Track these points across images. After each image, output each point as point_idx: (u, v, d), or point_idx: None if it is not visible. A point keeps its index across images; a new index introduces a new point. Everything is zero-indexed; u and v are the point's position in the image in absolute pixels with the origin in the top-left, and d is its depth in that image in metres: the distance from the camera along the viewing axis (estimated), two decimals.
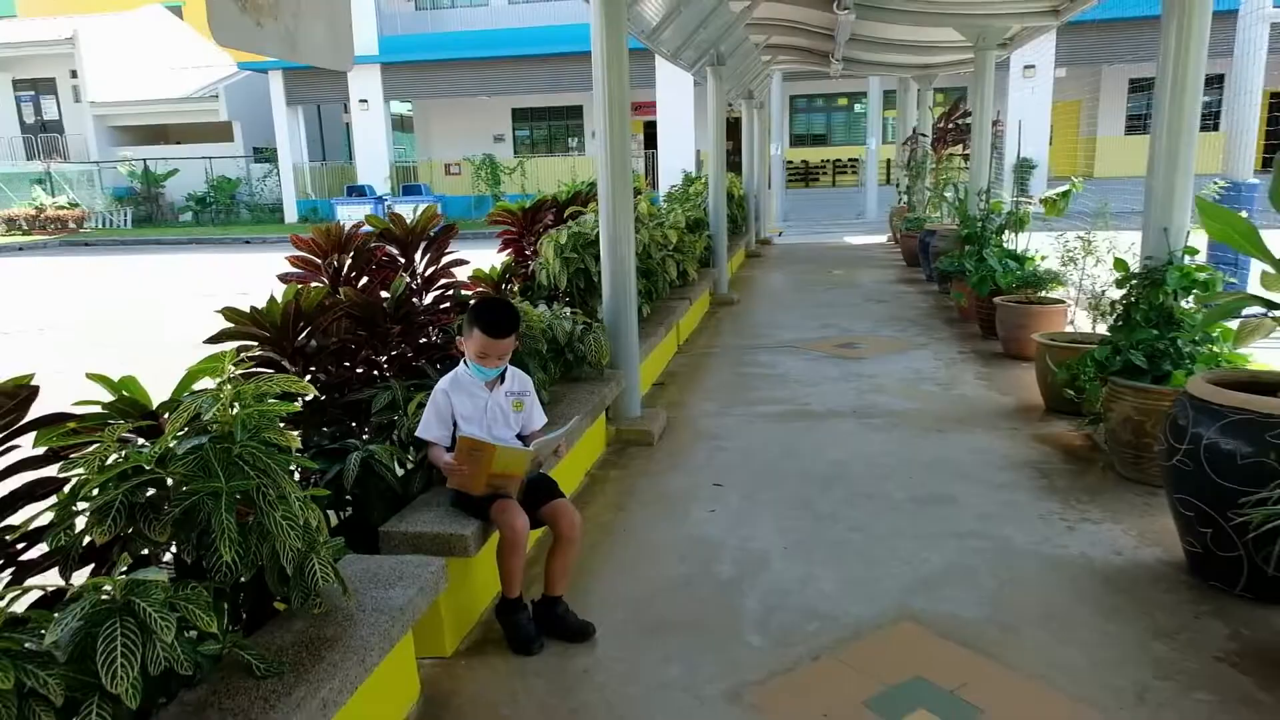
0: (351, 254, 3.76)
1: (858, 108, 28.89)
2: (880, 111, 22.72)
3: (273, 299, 3.07)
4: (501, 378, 3.00)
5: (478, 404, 2.95)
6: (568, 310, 4.90)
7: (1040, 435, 4.84)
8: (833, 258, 13.93)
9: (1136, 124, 24.87)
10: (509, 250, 5.89)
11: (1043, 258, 6.94)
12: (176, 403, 2.24)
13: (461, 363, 2.99)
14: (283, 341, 3.15)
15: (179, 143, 31.47)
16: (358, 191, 24.01)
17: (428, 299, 4.18)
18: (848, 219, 22.32)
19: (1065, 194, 7.86)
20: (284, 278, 3.74)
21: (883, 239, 16.55)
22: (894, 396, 5.77)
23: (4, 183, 29.28)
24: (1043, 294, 6.67)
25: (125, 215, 28.70)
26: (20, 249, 24.55)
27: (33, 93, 32.54)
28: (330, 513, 3.18)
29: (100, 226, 28.28)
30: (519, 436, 3.07)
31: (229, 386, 2.07)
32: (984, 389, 5.88)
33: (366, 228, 3.87)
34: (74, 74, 30.83)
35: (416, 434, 2.96)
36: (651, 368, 6.32)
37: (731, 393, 6.06)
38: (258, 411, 2.14)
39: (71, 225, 27.44)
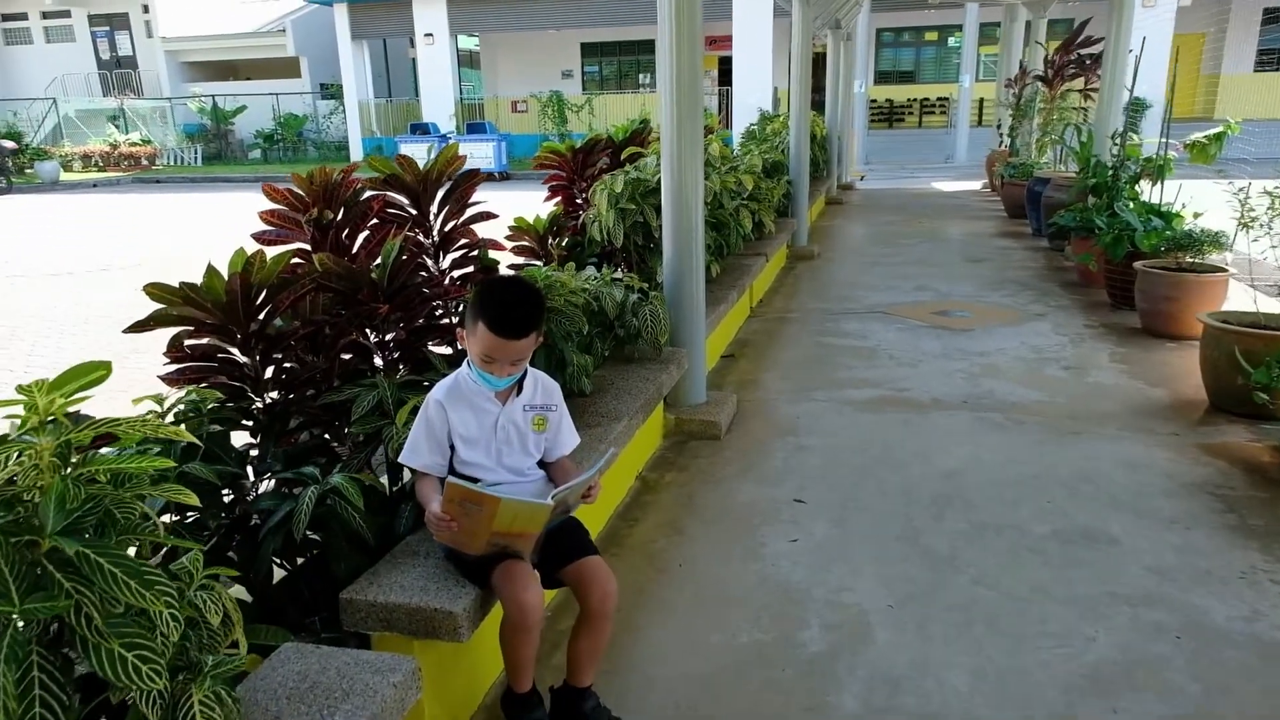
0: (342, 207, 2.96)
1: (951, 41, 26.81)
2: (976, 46, 20.84)
3: (212, 271, 2.30)
4: (519, 386, 2.19)
5: (484, 421, 2.14)
6: (620, 273, 4.05)
7: (1211, 445, 3.83)
8: (922, 206, 12.68)
9: (1270, 59, 22.39)
10: (557, 198, 5.04)
11: (1196, 215, 5.76)
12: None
13: (465, 363, 2.17)
14: (232, 325, 2.39)
15: (248, 79, 31.23)
16: (421, 129, 23.26)
17: (445, 262, 3.39)
18: (935, 163, 20.77)
19: (1218, 137, 6.60)
20: (259, 237, 2.98)
21: (976, 185, 15.14)
22: (1012, 382, 4.79)
23: (81, 119, 29.47)
24: (1198, 260, 5.51)
25: (196, 152, 28.66)
26: (95, 185, 24.69)
27: (107, 28, 32.61)
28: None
29: (172, 163, 28.33)
30: (540, 464, 2.26)
31: (45, 439, 1.29)
32: (1125, 376, 4.84)
33: (362, 173, 3.06)
34: (146, 8, 30.71)
35: (400, 459, 2.18)
36: (719, 338, 5.45)
37: (813, 370, 5.15)
38: (109, 470, 1.37)
39: (144, 162, 27.50)
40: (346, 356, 2.74)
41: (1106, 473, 3.59)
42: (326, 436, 2.74)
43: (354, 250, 2.99)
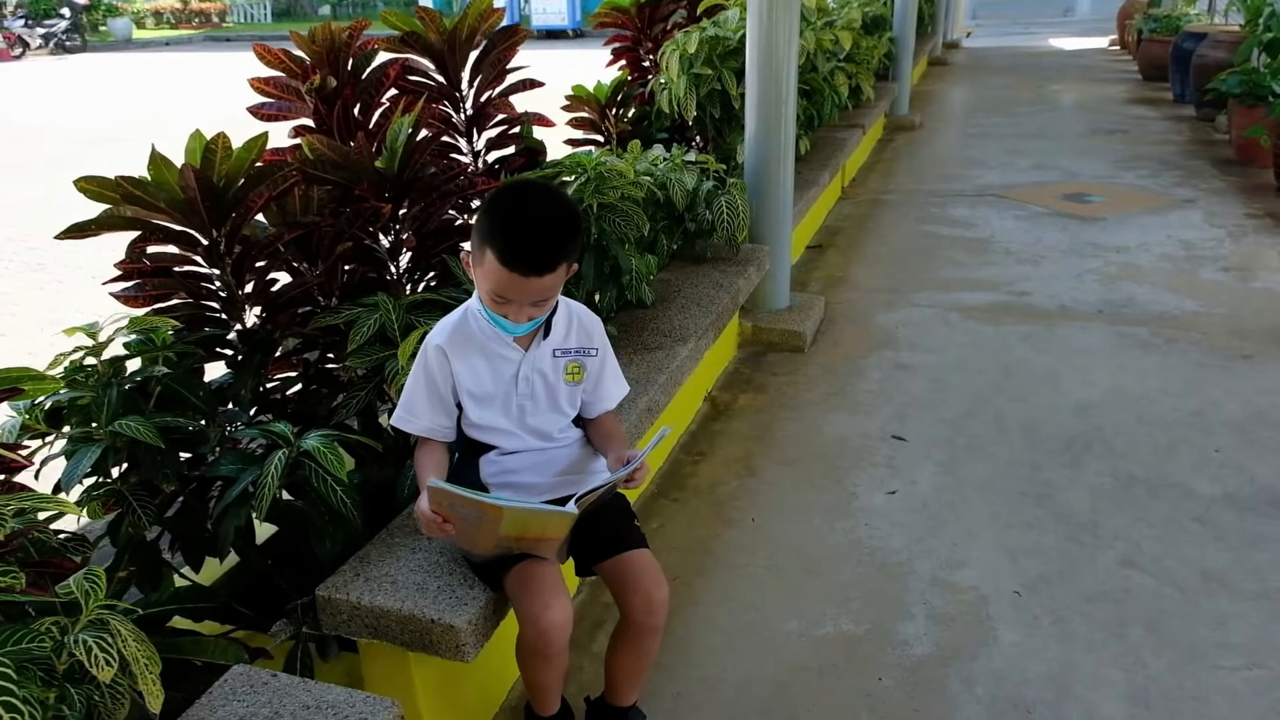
0: (351, 73, 2.38)
1: None
2: None
3: (161, 160, 1.78)
4: (546, 325, 1.65)
5: (502, 373, 1.62)
6: (693, 153, 3.40)
7: None
8: (1040, 67, 11.26)
9: None
10: (621, 62, 4.32)
11: None
12: None
13: (474, 297, 1.64)
14: (194, 229, 1.89)
15: None
16: None
17: (479, 143, 2.81)
18: (1052, 17, 18.68)
19: None
20: (256, 111, 2.44)
21: (1103, 42, 13.43)
22: (1157, 286, 4.02)
23: None
24: None
25: (265, 8, 27.97)
26: (167, 44, 24.39)
27: None
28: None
29: (241, 20, 27.75)
30: (578, 422, 1.75)
31: None
32: None
33: (373, 30, 2.46)
34: None
35: (393, 422, 1.68)
36: (806, 227, 4.76)
37: (915, 267, 4.46)
38: None
39: (214, 19, 27.00)
40: (349, 267, 2.23)
41: None
42: (330, 356, 2.27)
43: (369, 127, 2.44)
